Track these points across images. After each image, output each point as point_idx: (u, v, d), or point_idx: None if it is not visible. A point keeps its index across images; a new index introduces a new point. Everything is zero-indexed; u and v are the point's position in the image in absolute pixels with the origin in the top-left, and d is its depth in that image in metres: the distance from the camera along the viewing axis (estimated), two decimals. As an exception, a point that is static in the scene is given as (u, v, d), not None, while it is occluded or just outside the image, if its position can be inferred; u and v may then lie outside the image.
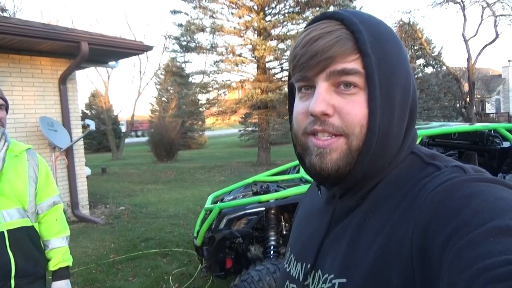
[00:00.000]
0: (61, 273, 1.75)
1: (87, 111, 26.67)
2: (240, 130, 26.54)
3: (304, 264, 0.65)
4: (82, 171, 6.78)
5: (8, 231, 1.55)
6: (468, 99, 19.99)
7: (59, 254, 1.75)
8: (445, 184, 0.49)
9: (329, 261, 0.59)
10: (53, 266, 1.74)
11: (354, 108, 0.54)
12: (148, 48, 7.03)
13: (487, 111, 31.11)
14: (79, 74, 6.76)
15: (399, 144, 0.58)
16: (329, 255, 0.60)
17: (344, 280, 0.55)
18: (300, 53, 0.56)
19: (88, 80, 45.55)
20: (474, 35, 22.10)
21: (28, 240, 1.63)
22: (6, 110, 1.70)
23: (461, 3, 18.74)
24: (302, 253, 0.67)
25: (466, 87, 20.78)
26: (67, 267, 1.79)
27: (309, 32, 0.57)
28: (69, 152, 6.42)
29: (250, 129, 24.69)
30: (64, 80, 6.30)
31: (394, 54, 0.56)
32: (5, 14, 15.52)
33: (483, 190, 0.46)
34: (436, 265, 0.44)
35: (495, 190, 0.46)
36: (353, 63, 0.54)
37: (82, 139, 6.73)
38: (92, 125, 6.56)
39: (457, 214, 0.44)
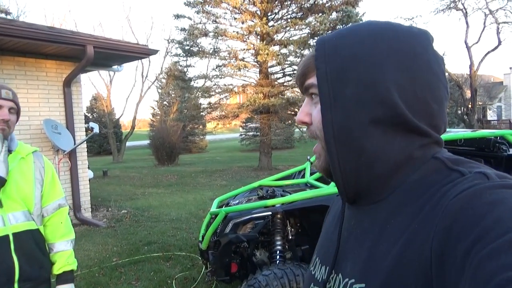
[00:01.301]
0: (65, 277, 1.73)
1: (89, 114, 26.71)
2: (241, 135, 26.56)
3: (328, 267, 0.66)
4: (85, 174, 6.78)
5: (13, 234, 1.54)
6: (470, 106, 20.02)
7: (64, 257, 1.73)
8: (467, 191, 0.48)
9: (350, 265, 0.59)
10: (57, 269, 1.72)
11: (316, 115, 0.63)
12: (152, 52, 7.05)
13: (489, 118, 31.13)
14: (82, 77, 6.78)
15: (376, 142, 0.57)
16: (350, 259, 0.60)
17: (363, 285, 0.55)
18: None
19: (90, 83, 45.78)
20: (477, 42, 22.20)
21: (33, 244, 1.61)
22: (18, 114, 1.70)
23: (463, 10, 18.84)
24: (326, 256, 0.69)
25: (468, 94, 20.82)
26: (72, 271, 1.76)
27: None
28: (72, 155, 6.42)
29: (251, 133, 24.72)
30: (68, 83, 6.32)
31: (352, 52, 0.58)
32: (9, 17, 15.58)
33: (506, 197, 0.45)
34: (456, 273, 0.43)
35: None
36: (312, 78, 0.63)
37: (85, 142, 6.73)
38: (96, 128, 6.57)
39: (479, 222, 0.44)
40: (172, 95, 27.56)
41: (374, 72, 0.57)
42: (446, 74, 0.67)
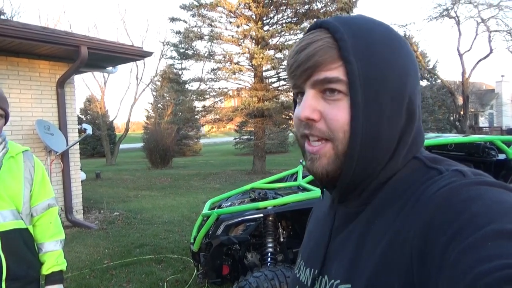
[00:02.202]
0: (54, 277, 1.72)
1: (83, 116, 26.56)
2: (235, 139, 26.56)
3: (312, 269, 0.66)
4: (77, 175, 6.74)
5: (1, 232, 1.53)
6: (462, 113, 20.22)
7: (53, 257, 1.72)
8: (444, 189, 0.49)
9: (336, 266, 0.60)
10: (46, 269, 1.71)
11: (338, 114, 0.56)
12: (147, 54, 7.05)
13: (481, 125, 31.42)
14: (76, 78, 6.76)
15: (391, 148, 0.58)
16: (336, 261, 0.60)
17: (349, 286, 0.55)
18: (290, 62, 0.59)
19: (84, 85, 45.49)
20: (469, 50, 22.54)
21: (21, 243, 1.61)
22: (6, 118, 1.70)
23: (456, 18, 19.07)
24: (310, 258, 0.68)
25: (460, 101, 21.03)
26: (61, 271, 1.75)
27: (300, 42, 0.59)
28: (64, 156, 6.38)
29: (245, 137, 24.72)
30: (62, 84, 6.29)
31: (385, 59, 0.56)
32: (2, 17, 15.50)
33: (482, 193, 0.47)
34: (435, 270, 0.44)
35: (495, 193, 0.47)
36: (336, 71, 0.55)
37: (77, 143, 6.70)
38: (89, 130, 6.54)
39: (456, 219, 0.45)
40: (167, 98, 27.52)
41: (403, 81, 0.57)
42: (439, 81, 0.69)
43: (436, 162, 0.58)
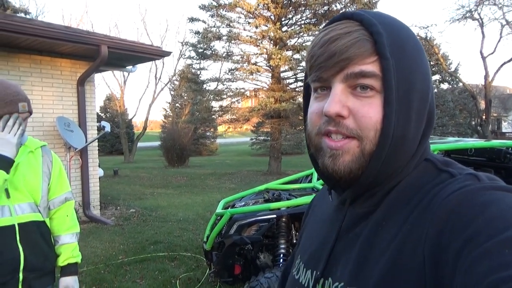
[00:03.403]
0: (69, 269, 1.76)
1: (102, 114, 27.06)
2: (251, 139, 26.59)
3: (314, 271, 0.64)
4: (95, 172, 6.87)
5: (19, 224, 1.57)
6: (484, 117, 19.72)
7: (69, 250, 1.77)
8: (458, 192, 0.48)
9: (340, 269, 0.58)
10: (62, 261, 1.75)
11: (370, 111, 0.53)
12: (166, 54, 7.13)
13: (503, 130, 30.60)
14: (96, 77, 6.89)
15: (413, 150, 0.57)
16: (340, 263, 0.59)
17: None
18: (317, 53, 0.55)
19: (104, 84, 46.42)
20: (492, 53, 21.77)
21: (38, 235, 1.65)
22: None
23: (479, 20, 18.62)
24: (312, 260, 0.66)
25: (482, 105, 20.52)
26: (76, 263, 1.79)
27: (327, 32, 0.55)
28: (83, 153, 6.51)
29: (261, 138, 24.72)
30: (82, 82, 6.43)
31: (414, 58, 0.55)
32: (28, 17, 15.94)
33: (497, 198, 0.45)
34: (448, 275, 0.43)
35: (510, 199, 0.45)
36: (371, 66, 0.53)
37: (96, 140, 6.82)
38: (108, 127, 6.65)
39: (471, 223, 0.44)
40: (184, 97, 27.77)
41: (427, 82, 0.57)
42: (460, 84, 0.68)
43: (447, 165, 0.56)
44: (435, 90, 23.55)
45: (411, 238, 0.49)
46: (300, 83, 14.20)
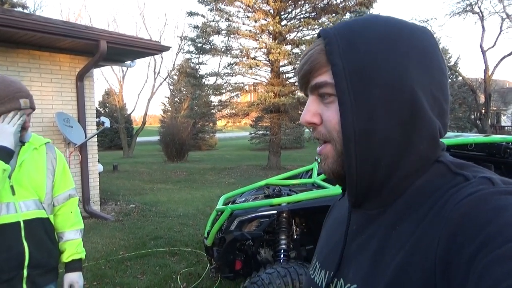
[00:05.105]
0: (74, 265, 1.78)
1: (101, 109, 27.00)
2: (251, 133, 26.59)
3: (328, 272, 0.65)
4: (95, 167, 6.87)
5: (24, 221, 1.58)
6: (483, 111, 19.73)
7: (73, 246, 1.78)
8: (472, 196, 0.47)
9: (353, 270, 0.58)
10: (66, 257, 1.77)
11: (330, 115, 0.58)
12: (165, 49, 7.10)
13: (503, 124, 30.62)
14: (95, 71, 6.87)
15: (395, 145, 0.56)
16: (353, 265, 0.59)
17: None
18: (297, 69, 0.64)
19: (103, 78, 46.18)
20: (492, 46, 21.72)
21: (43, 232, 1.66)
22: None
23: (480, 13, 18.56)
24: (327, 260, 0.67)
25: (482, 99, 20.52)
26: (80, 259, 1.81)
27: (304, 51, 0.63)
28: (83, 148, 6.50)
29: (261, 132, 24.73)
30: (81, 77, 6.40)
31: (376, 53, 0.55)
32: (25, 11, 15.84)
33: (511, 203, 0.45)
34: (460, 280, 0.42)
35: None
36: (324, 76, 0.58)
37: (95, 136, 6.82)
38: (107, 123, 6.64)
39: (484, 228, 0.43)
40: (183, 92, 27.69)
41: (399, 73, 0.55)
42: (460, 78, 0.66)
43: (462, 167, 0.55)
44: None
45: (423, 242, 0.49)
46: (299, 78, 14.14)
